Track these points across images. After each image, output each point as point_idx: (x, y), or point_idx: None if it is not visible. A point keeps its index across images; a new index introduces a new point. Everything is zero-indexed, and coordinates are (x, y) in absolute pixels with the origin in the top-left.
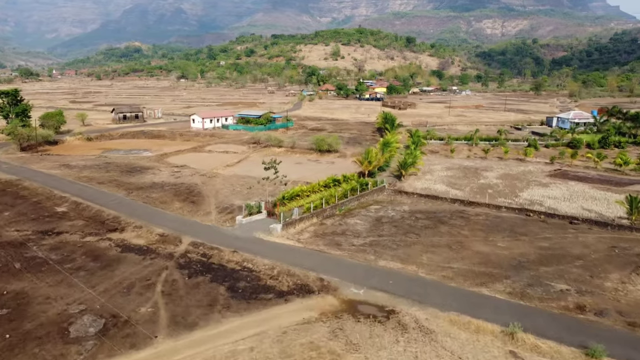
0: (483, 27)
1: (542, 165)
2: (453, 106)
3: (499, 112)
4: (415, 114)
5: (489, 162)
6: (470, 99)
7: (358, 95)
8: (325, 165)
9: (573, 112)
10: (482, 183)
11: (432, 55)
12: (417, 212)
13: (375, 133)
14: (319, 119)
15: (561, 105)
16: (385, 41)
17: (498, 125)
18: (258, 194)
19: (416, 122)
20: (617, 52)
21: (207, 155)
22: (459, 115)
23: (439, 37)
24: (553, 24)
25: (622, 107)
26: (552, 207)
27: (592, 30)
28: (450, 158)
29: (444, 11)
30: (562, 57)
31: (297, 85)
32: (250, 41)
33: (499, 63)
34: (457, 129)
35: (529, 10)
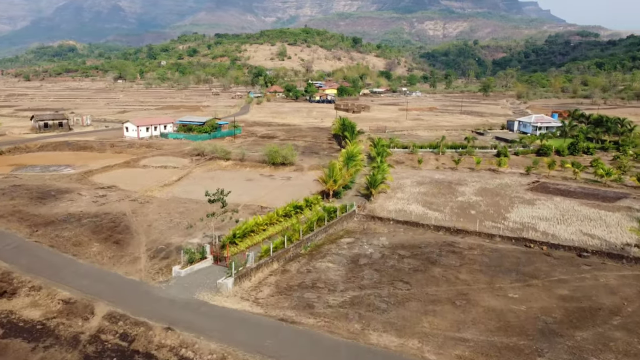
0: (425, 29)
1: (518, 177)
2: (407, 109)
3: (455, 114)
4: (371, 118)
5: (461, 174)
6: (422, 100)
7: (308, 98)
8: (280, 182)
9: (535, 116)
10: (461, 201)
11: (378, 55)
12: (399, 246)
13: (332, 140)
14: (269, 124)
15: (513, 107)
16: (332, 41)
17: (458, 129)
18: (202, 226)
19: (374, 127)
20: (552, 54)
21: (141, 172)
22: (416, 119)
23: (383, 38)
24: (491, 26)
25: (571, 108)
26: (548, 233)
27: (528, 32)
28: (418, 169)
29: (387, 12)
30: (502, 58)
31: (243, 86)
32: (193, 40)
33: (443, 64)
34: (418, 135)
35: (468, 12)
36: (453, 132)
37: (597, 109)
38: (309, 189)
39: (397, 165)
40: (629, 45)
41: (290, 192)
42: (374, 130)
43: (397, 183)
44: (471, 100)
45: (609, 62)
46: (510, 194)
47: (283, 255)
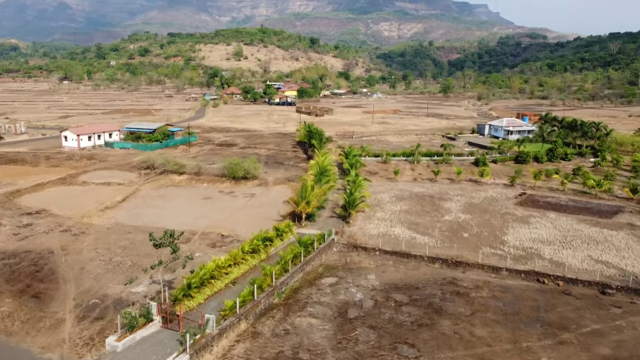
0: (381, 30)
1: (502, 189)
2: (370, 111)
3: (420, 117)
4: (335, 122)
5: (442, 186)
6: (384, 102)
7: (267, 100)
8: (243, 200)
9: (506, 120)
10: (449, 221)
11: (336, 56)
12: (392, 287)
13: (297, 148)
14: (227, 129)
15: (476, 109)
16: (289, 41)
17: (428, 133)
18: (148, 262)
19: (341, 133)
20: (504, 55)
21: (79, 191)
22: (383, 123)
23: (339, 39)
24: (444, 28)
25: (533, 109)
26: (556, 261)
27: (480, 34)
28: (394, 182)
29: (343, 13)
30: (457, 59)
31: (198, 87)
32: (144, 39)
33: (399, 64)
34: (387, 140)
35: (422, 14)
36: (423, 137)
37: (558, 110)
38: (277, 209)
39: (371, 176)
40: (576, 47)
41: (256, 213)
42: (340, 136)
43: (374, 199)
44: (433, 101)
45: (560, 63)
46: (499, 210)
47: (253, 309)
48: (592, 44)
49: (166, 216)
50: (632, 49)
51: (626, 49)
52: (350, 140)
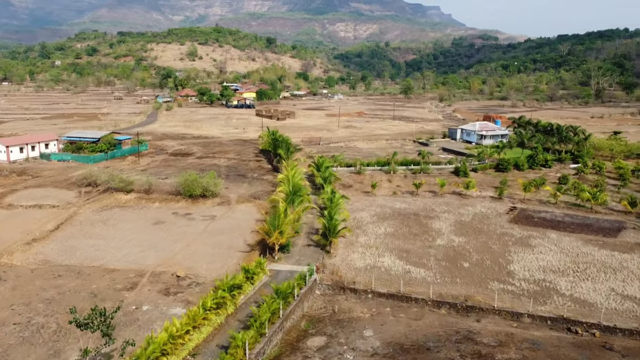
0: (337, 30)
1: (490, 203)
2: (334, 114)
3: (386, 120)
4: (299, 126)
5: (425, 201)
6: (346, 104)
7: (225, 102)
8: (202, 224)
9: (479, 124)
10: (443, 247)
11: (293, 56)
12: (399, 350)
13: (260, 157)
14: (182, 136)
15: (440, 111)
16: (245, 41)
17: (398, 139)
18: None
19: (307, 139)
20: (459, 56)
21: (3, 216)
22: (349, 127)
23: (295, 39)
24: (399, 29)
25: (496, 110)
26: (578, 298)
27: (434, 35)
28: (372, 196)
29: (298, 13)
30: (413, 60)
31: (150, 89)
32: (92, 38)
33: (357, 65)
34: (357, 147)
35: (377, 15)
36: (394, 143)
37: (520, 112)
38: (243, 236)
39: (346, 190)
40: (528, 49)
41: (218, 242)
42: (307, 143)
43: (353, 218)
44: (395, 103)
45: (513, 64)
46: (495, 230)
47: None
48: (542, 45)
49: (108, 249)
50: (580, 51)
51: (575, 51)
52: (318, 147)
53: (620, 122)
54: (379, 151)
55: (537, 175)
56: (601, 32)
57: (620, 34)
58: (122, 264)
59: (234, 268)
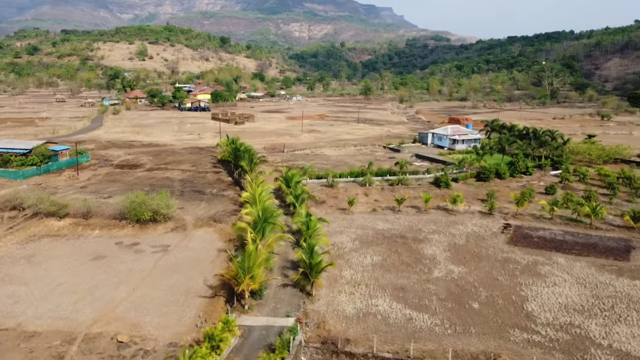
0: (291, 30)
1: (480, 219)
2: (294, 116)
3: (351, 124)
4: (259, 131)
5: (409, 219)
6: (306, 106)
7: (178, 105)
8: (152, 259)
9: (450, 128)
10: (442, 280)
11: (248, 56)
12: None
13: (219, 168)
14: (131, 144)
15: (403, 113)
16: (198, 41)
17: (367, 144)
18: None
19: (270, 146)
20: (413, 57)
21: None
22: (312, 131)
23: (249, 39)
24: (354, 30)
25: (458, 112)
26: (619, 350)
27: (387, 36)
28: (349, 214)
29: (252, 13)
30: (369, 61)
31: (96, 90)
32: (34, 36)
33: (313, 65)
34: (324, 154)
35: (331, 15)
36: (363, 149)
37: (483, 113)
38: (203, 274)
39: (319, 207)
40: (480, 50)
41: (172, 285)
42: (269, 150)
43: (332, 244)
44: (356, 104)
45: (467, 64)
46: (494, 255)
47: None
48: (493, 46)
49: (30, 300)
50: (531, 52)
51: (526, 52)
52: (282, 155)
53: (583, 124)
54: (349, 159)
55: (519, 184)
56: (548, 34)
57: (567, 36)
58: (46, 323)
59: (194, 322)
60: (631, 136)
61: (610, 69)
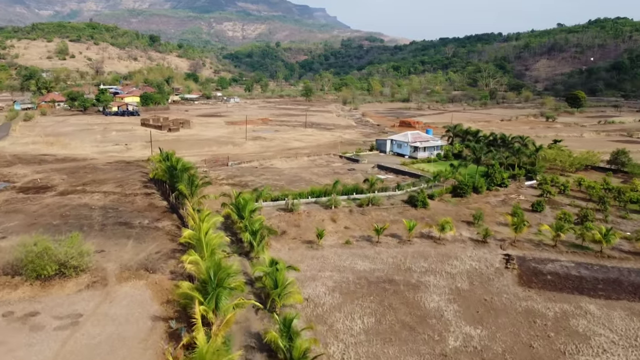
0: (224, 30)
1: (475, 249)
2: (235, 121)
3: (297, 129)
4: (196, 139)
5: (392, 253)
6: (246, 108)
7: (102, 109)
8: (54, 343)
9: (410, 134)
10: (462, 351)
11: (180, 56)
12: None
13: (151, 188)
14: (42, 159)
15: (349, 115)
16: (125, 39)
17: (321, 153)
18: None
19: (210, 159)
20: (349, 57)
21: None
22: (257, 138)
23: (181, 38)
24: (288, 30)
25: (404, 114)
26: None
27: (322, 36)
28: (318, 249)
29: (183, 11)
30: (305, 61)
31: (8, 92)
32: None
33: (248, 65)
34: (275, 167)
35: (265, 15)
36: (318, 159)
37: (429, 115)
38: (128, 352)
39: (279, 240)
40: (414, 51)
41: None
42: (211, 164)
43: (305, 297)
44: (298, 106)
45: (404, 65)
46: (511, 305)
47: None
48: (427, 47)
49: None
50: (464, 53)
51: (459, 53)
52: (226, 169)
53: (532, 125)
54: (304, 172)
55: (498, 198)
56: (479, 36)
57: (496, 37)
58: None
59: None
60: (583, 138)
61: (539, 69)
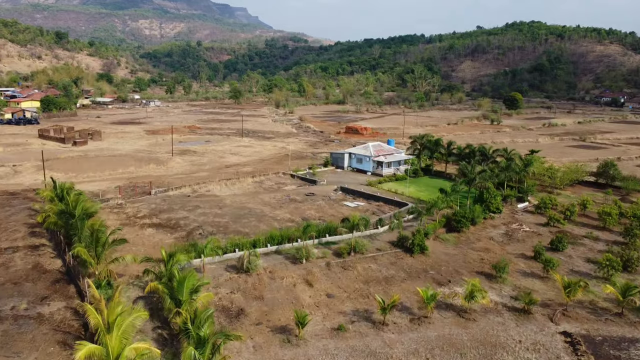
0: (140, 28)
1: (519, 327)
2: (156, 129)
3: (232, 138)
4: (108, 155)
5: (409, 343)
6: (168, 113)
7: None
8: None
9: (372, 145)
10: None
11: (92, 54)
12: None
13: (40, 235)
14: None
15: (284, 120)
16: (27, 35)
17: (268, 172)
18: None
19: (127, 185)
20: (274, 57)
21: None
22: (185, 152)
23: (92, 36)
24: (209, 29)
25: (344, 118)
26: None
27: (244, 36)
28: (300, 344)
29: (94, 7)
30: (229, 61)
31: None
32: None
33: (167, 65)
34: (213, 195)
35: (184, 14)
36: (265, 182)
37: (370, 118)
38: None
39: (235, 326)
40: (340, 52)
41: None
42: (127, 193)
43: None
44: (227, 110)
45: (331, 66)
46: None
47: None
48: (352, 48)
49: None
50: (390, 54)
51: (386, 54)
52: (148, 199)
53: (482, 130)
54: (252, 201)
55: (498, 230)
56: (402, 37)
57: (420, 39)
58: None
59: None
60: (539, 144)
61: (464, 70)
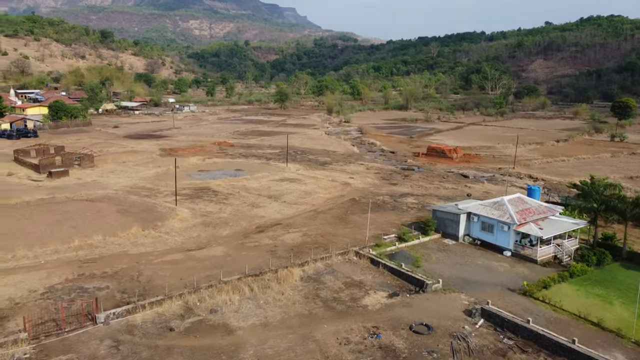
0: (190, 28)
1: None
2: (176, 148)
3: (272, 164)
4: (84, 196)
5: None
6: (200, 122)
7: None
8: None
9: (509, 201)
10: None
11: (136, 54)
12: None
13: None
14: None
15: (338, 131)
16: (72, 34)
17: (328, 244)
18: None
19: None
20: (323, 57)
21: None
22: (199, 194)
23: (144, 36)
24: (257, 29)
25: (413, 129)
26: None
27: (293, 36)
28: None
29: (146, 8)
30: (276, 60)
31: None
32: None
33: (214, 65)
34: (222, 325)
35: (233, 14)
36: (327, 281)
37: (444, 131)
38: None
39: None
40: (393, 51)
41: None
42: (38, 329)
43: None
44: (271, 118)
45: (385, 66)
46: None
47: None
48: (406, 47)
49: None
50: (449, 52)
51: (444, 52)
52: (85, 340)
53: (608, 149)
54: (299, 351)
55: None
56: (461, 35)
57: (481, 37)
58: None
59: None
60: None
61: (536, 70)
